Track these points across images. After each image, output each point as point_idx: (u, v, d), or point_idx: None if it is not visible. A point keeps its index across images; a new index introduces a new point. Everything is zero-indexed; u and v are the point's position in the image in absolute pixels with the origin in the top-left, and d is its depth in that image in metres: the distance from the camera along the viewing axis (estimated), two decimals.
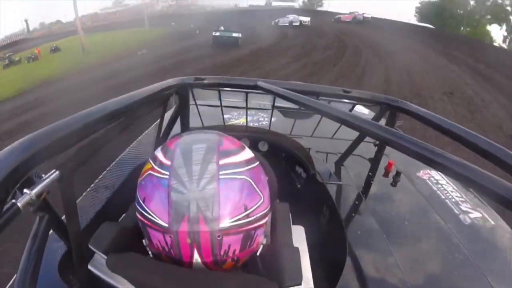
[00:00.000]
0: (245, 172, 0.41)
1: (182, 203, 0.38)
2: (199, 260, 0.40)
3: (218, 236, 0.39)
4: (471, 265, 0.63)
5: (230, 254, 0.41)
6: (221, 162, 0.40)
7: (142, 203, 0.41)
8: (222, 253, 0.40)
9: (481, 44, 18.60)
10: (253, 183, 0.42)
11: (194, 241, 0.39)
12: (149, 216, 0.40)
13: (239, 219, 0.39)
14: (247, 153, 0.45)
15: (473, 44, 17.21)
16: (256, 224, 0.42)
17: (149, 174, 0.42)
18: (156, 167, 0.42)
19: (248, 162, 0.43)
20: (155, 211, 0.40)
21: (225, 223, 0.39)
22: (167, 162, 0.41)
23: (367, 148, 1.10)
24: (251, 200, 0.41)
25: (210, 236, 0.39)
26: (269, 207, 0.45)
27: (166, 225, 0.39)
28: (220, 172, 0.40)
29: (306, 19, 22.33)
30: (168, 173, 0.40)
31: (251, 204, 0.41)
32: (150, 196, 0.41)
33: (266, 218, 0.44)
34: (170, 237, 0.39)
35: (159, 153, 0.44)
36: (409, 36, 17.13)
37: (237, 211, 0.39)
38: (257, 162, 0.45)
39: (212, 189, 0.39)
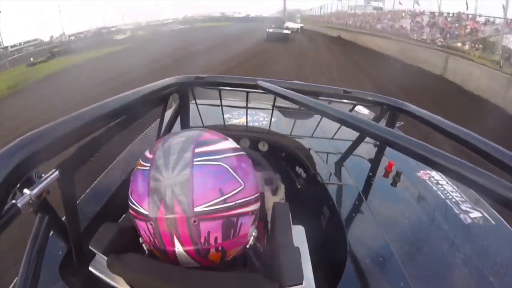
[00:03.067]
0: (221, 159, 0.43)
1: (159, 190, 0.40)
2: (180, 248, 0.41)
3: (194, 222, 0.39)
4: (472, 265, 0.64)
5: (212, 242, 0.41)
6: (197, 150, 0.42)
7: (131, 196, 0.44)
8: (202, 240, 0.41)
9: None
10: (230, 169, 0.42)
11: (172, 227, 0.40)
12: (134, 207, 0.42)
13: (214, 204, 0.40)
14: (228, 143, 0.46)
15: None
16: (236, 211, 0.42)
17: (136, 169, 0.45)
18: (141, 162, 0.45)
19: (227, 150, 0.45)
20: (139, 201, 0.42)
21: (200, 207, 0.39)
22: (149, 156, 0.44)
23: (368, 148, 1.10)
24: (229, 185, 0.42)
25: (186, 221, 0.39)
26: (254, 195, 0.45)
27: (147, 213, 0.41)
28: (195, 159, 0.41)
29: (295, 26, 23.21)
30: (149, 165, 0.42)
31: (228, 189, 0.41)
32: (134, 188, 0.43)
33: (251, 207, 0.45)
34: (151, 224, 0.41)
35: (147, 151, 0.46)
36: None
37: (212, 196, 0.40)
38: (240, 152, 0.46)
39: (186, 174, 0.40)
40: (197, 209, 0.39)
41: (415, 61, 10.24)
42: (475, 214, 0.81)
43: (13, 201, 0.36)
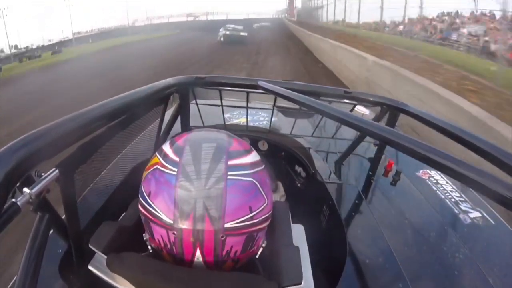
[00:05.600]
0: (252, 175, 0.42)
1: (188, 201, 0.38)
2: (200, 259, 0.40)
3: (222, 237, 0.39)
4: (471, 265, 0.64)
5: (232, 255, 0.41)
6: (230, 162, 0.41)
7: (147, 198, 0.41)
8: (224, 253, 0.40)
9: None
10: (259, 185, 0.42)
11: (198, 240, 0.39)
12: (154, 211, 0.40)
13: (243, 221, 0.40)
14: (255, 156, 0.46)
15: None
16: (259, 227, 0.42)
17: (156, 168, 0.42)
18: (164, 162, 0.42)
19: (256, 164, 0.44)
20: (160, 207, 0.40)
21: (230, 223, 0.39)
22: (175, 158, 0.41)
23: (367, 147, 1.10)
24: (256, 202, 0.41)
25: (214, 236, 0.39)
26: (271, 210, 0.45)
27: (171, 221, 0.39)
28: (229, 173, 0.40)
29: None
30: (176, 169, 0.40)
31: (256, 206, 0.41)
32: (156, 191, 0.41)
33: (268, 221, 0.45)
34: (174, 234, 0.39)
35: (167, 148, 0.44)
36: None
37: (243, 213, 0.40)
38: (263, 166, 0.46)
39: (220, 188, 0.39)
40: (227, 225, 0.39)
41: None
42: (475, 214, 0.81)
43: (13, 200, 0.36)
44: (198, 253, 0.40)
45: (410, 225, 0.76)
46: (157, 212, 0.40)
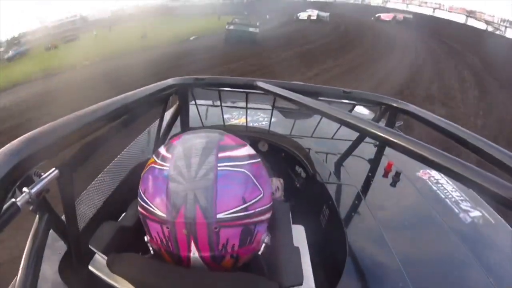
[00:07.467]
0: (244, 166, 0.42)
1: (179, 193, 0.39)
2: (196, 254, 0.40)
3: (215, 228, 0.39)
4: (471, 264, 0.63)
5: (229, 249, 0.41)
6: (220, 155, 0.41)
7: (143, 195, 0.42)
8: (220, 247, 0.40)
9: None
10: (252, 177, 0.42)
11: (191, 232, 0.39)
12: (148, 207, 0.41)
13: (236, 212, 0.40)
14: (248, 150, 0.46)
15: None
16: (255, 219, 0.42)
17: (151, 167, 0.43)
18: (157, 160, 0.43)
19: (248, 157, 0.44)
20: (154, 202, 0.40)
21: (222, 214, 0.39)
22: (167, 155, 0.42)
23: (367, 148, 1.10)
24: (250, 193, 0.41)
25: (207, 228, 0.39)
26: (270, 203, 0.45)
27: (164, 215, 0.39)
28: (219, 164, 0.40)
29: (314, 14, 19.82)
30: (168, 164, 0.41)
31: (250, 197, 0.41)
32: (150, 187, 0.42)
33: (267, 215, 0.44)
34: (168, 227, 0.39)
35: (161, 149, 0.45)
36: None
37: (235, 203, 0.40)
38: (259, 159, 0.46)
39: (210, 179, 0.39)
40: (219, 216, 0.38)
41: None
42: (475, 213, 0.81)
43: (13, 200, 0.36)
44: (193, 247, 0.40)
45: (410, 225, 0.76)
46: (151, 207, 0.41)
